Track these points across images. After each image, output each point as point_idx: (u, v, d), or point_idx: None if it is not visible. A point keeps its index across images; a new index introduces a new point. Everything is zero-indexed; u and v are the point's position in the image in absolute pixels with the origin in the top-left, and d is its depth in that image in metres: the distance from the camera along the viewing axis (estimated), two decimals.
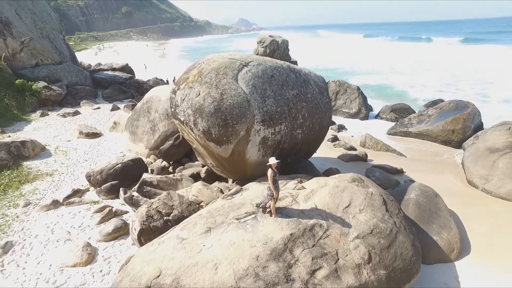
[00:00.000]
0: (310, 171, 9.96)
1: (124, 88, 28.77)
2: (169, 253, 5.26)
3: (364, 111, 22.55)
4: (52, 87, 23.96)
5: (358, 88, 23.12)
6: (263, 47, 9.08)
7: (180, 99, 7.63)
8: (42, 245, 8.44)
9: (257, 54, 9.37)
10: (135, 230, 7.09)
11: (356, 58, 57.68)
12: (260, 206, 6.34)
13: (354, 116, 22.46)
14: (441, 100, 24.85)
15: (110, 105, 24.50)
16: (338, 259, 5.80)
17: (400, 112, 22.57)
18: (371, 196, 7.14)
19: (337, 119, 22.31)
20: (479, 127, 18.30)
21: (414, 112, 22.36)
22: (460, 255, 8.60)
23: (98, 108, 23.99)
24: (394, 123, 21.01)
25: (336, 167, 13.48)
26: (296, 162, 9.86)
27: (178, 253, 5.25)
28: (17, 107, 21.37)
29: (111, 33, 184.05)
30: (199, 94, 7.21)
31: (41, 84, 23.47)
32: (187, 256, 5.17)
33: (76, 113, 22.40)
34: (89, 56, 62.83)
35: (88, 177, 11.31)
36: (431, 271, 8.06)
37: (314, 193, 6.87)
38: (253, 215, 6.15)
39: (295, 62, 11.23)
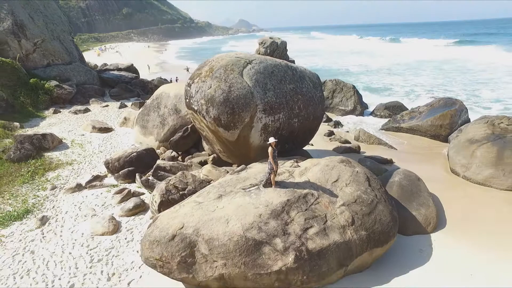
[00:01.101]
0: (306, 158, 11.22)
1: (130, 87, 30.07)
2: (189, 212, 6.54)
3: (359, 108, 23.83)
4: (63, 86, 25.26)
5: (354, 87, 24.42)
6: (264, 48, 10.27)
7: (194, 91, 8.96)
8: (73, 219, 9.73)
9: (259, 53, 10.61)
10: (155, 202, 8.38)
11: (352, 59, 59.02)
12: (262, 181, 7.63)
13: (349, 113, 23.72)
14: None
15: (118, 103, 25.78)
16: (326, 220, 7.08)
17: (393, 109, 23.81)
18: (357, 174, 8.42)
19: (334, 116, 23.58)
20: (466, 122, 19.48)
21: (407, 109, 23.64)
22: (436, 229, 9.84)
23: (107, 106, 25.29)
24: (387, 119, 22.27)
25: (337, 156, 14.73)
26: (294, 149, 11.15)
27: (196, 212, 6.53)
28: (31, 104, 22.70)
29: (112, 34, 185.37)
30: (210, 87, 8.53)
31: (53, 83, 24.78)
32: (203, 214, 6.45)
33: (87, 110, 23.72)
34: (92, 57, 64.03)
35: (107, 164, 12.60)
36: (410, 240, 9.31)
37: (307, 170, 8.16)
38: (257, 186, 7.44)
39: (292, 61, 12.49)
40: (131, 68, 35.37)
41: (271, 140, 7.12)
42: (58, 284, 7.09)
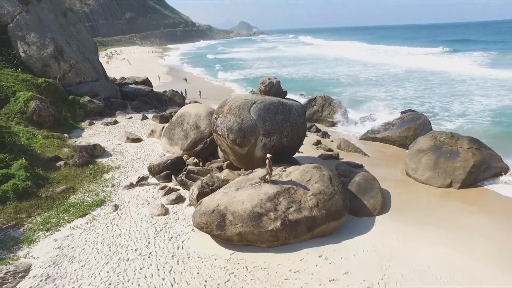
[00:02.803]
0: (293, 164, 16.00)
1: (147, 100, 34.88)
2: (220, 198, 11.32)
3: (343, 120, 28.61)
4: (94, 100, 30.07)
5: (340, 102, 29.22)
6: (264, 86, 14.71)
7: (219, 122, 13.78)
8: (134, 206, 14.53)
9: (260, 90, 15.15)
10: (194, 194, 13.16)
11: (343, 68, 63.90)
12: (262, 179, 12.41)
13: (336, 124, 28.50)
14: (410, 111, 30.91)
15: (140, 115, 30.55)
16: (301, 204, 11.86)
17: (372, 120, 28.55)
18: (323, 176, 13.20)
19: (323, 127, 28.34)
20: None
21: (384, 121, 28.33)
22: (380, 213, 14.58)
23: (131, 117, 30.06)
24: (366, 130, 27.01)
25: (315, 163, 19.50)
26: (285, 159, 15.94)
27: (224, 197, 11.31)
28: (71, 118, 27.51)
29: (116, 38, 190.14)
30: (230, 120, 13.34)
31: (86, 98, 29.58)
32: (229, 198, 11.23)
33: (115, 122, 28.50)
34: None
35: (149, 168, 17.41)
36: (361, 220, 14.03)
37: (291, 173, 12.93)
38: (259, 183, 12.22)
39: (285, 92, 17.15)
40: (146, 82, 40.22)
41: (268, 155, 11.91)
42: (140, 243, 11.86)
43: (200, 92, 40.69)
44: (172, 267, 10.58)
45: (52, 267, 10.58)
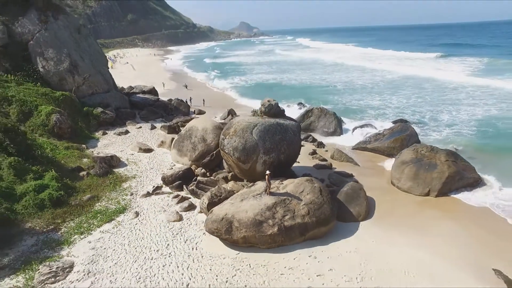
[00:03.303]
0: (290, 175, 18.44)
1: (155, 109, 37.33)
2: (228, 208, 13.76)
3: (338, 131, 31.03)
4: (106, 111, 32.52)
5: (334, 113, 31.66)
6: (264, 108, 17.07)
7: (226, 142, 16.24)
8: (153, 212, 16.98)
9: (260, 111, 17.62)
10: (205, 203, 15.61)
11: (341, 75, 66.40)
12: (263, 191, 14.87)
13: (331, 134, 30.89)
14: (402, 120, 33.36)
15: (148, 124, 33.04)
16: (295, 212, 14.30)
17: (365, 130, 30.97)
18: (314, 187, 15.61)
19: (319, 137, 30.73)
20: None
21: (376, 130, 30.75)
22: (365, 219, 16.99)
23: (140, 127, 32.50)
24: (359, 140, 29.41)
25: (309, 173, 21.90)
26: (283, 171, 18.37)
27: (231, 207, 13.75)
28: (86, 128, 29.97)
29: (118, 40, 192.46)
30: (235, 141, 15.81)
31: (99, 109, 32.03)
32: (235, 208, 13.67)
33: (127, 132, 30.93)
34: None
35: (163, 178, 19.86)
36: (347, 225, 16.44)
37: (286, 186, 15.36)
38: (260, 194, 14.66)
39: (283, 110, 19.58)
40: (153, 91, 42.74)
41: (267, 172, 14.36)
42: (160, 244, 14.31)
43: (203, 100, 43.12)
44: (189, 264, 13.04)
45: (91, 264, 13.04)
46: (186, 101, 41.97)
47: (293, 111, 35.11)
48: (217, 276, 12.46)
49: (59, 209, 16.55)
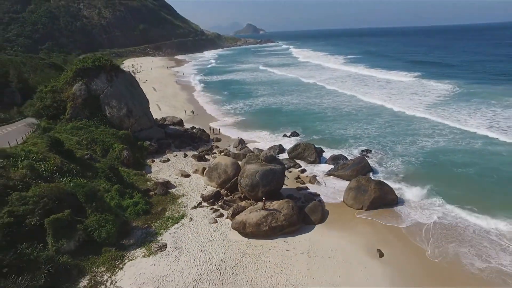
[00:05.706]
0: (278, 197, 32.40)
1: (184, 139, 51.44)
2: (243, 216, 27.71)
3: (317, 160, 44.79)
4: (152, 144, 46.67)
5: (314, 146, 45.48)
6: (263, 157, 30.75)
7: (241, 181, 30.24)
8: (200, 218, 31.01)
9: (261, 159, 31.39)
10: (230, 213, 29.61)
11: (330, 99, 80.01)
12: (261, 207, 28.81)
13: (312, 162, 44.64)
14: (368, 151, 47.10)
15: (182, 153, 47.09)
16: (277, 219, 28.27)
17: (338, 159, 44.65)
18: (289, 205, 29.50)
19: (304, 164, 44.46)
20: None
21: (346, 159, 44.33)
22: (319, 223, 30.73)
23: (176, 155, 46.54)
24: (331, 167, 43.04)
25: (292, 193, 35.68)
26: (274, 194, 32.28)
27: (245, 216, 27.67)
28: (140, 158, 44.10)
29: (130, 49, 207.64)
30: (246, 181, 29.78)
31: (147, 142, 46.20)
32: (247, 216, 27.56)
33: (168, 159, 44.96)
34: None
35: (202, 196, 33.92)
36: (308, 226, 30.22)
37: (274, 204, 29.22)
38: (260, 209, 28.58)
39: (277, 158, 33.58)
40: (180, 122, 56.94)
41: (264, 198, 28.30)
42: (207, 235, 28.28)
43: (219, 129, 57.24)
44: (223, 245, 26.95)
45: (175, 244, 27.00)
46: (210, 130, 56.10)
47: (289, 140, 49.23)
48: (238, 249, 26.38)
49: (148, 216, 30.59)
